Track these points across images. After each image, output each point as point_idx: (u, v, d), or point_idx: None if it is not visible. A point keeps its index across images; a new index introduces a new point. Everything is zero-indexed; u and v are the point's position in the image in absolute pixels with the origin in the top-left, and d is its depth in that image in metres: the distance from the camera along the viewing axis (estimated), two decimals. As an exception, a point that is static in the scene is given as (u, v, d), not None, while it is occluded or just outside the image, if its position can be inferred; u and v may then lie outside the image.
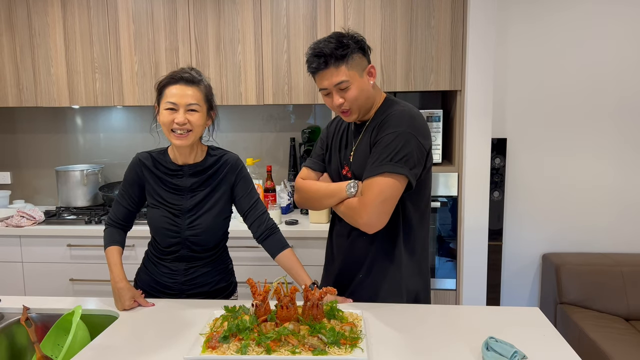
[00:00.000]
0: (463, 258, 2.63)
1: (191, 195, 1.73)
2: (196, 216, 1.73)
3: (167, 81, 1.65)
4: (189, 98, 1.63)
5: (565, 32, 2.89)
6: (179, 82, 1.63)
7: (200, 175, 1.74)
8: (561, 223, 3.03)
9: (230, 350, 1.29)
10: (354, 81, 1.57)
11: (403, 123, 1.57)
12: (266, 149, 3.22)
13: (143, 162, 1.78)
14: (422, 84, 2.58)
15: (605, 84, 2.91)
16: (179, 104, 1.62)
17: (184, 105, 1.62)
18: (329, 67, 1.55)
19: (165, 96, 1.64)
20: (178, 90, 1.63)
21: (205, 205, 1.74)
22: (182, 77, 1.64)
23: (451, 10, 2.51)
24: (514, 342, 1.34)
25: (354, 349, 1.30)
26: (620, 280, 2.74)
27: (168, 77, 1.66)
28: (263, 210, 1.77)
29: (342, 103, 1.59)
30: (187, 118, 1.63)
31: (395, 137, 1.55)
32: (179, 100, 1.62)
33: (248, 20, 2.76)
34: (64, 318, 1.57)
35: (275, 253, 1.72)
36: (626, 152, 2.95)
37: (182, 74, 1.65)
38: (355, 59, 1.57)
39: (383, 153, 1.55)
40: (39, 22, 2.88)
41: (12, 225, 2.77)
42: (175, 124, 1.63)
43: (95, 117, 3.31)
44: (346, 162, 1.72)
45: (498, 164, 2.92)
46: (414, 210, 1.68)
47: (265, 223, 1.75)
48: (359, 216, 1.57)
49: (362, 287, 1.71)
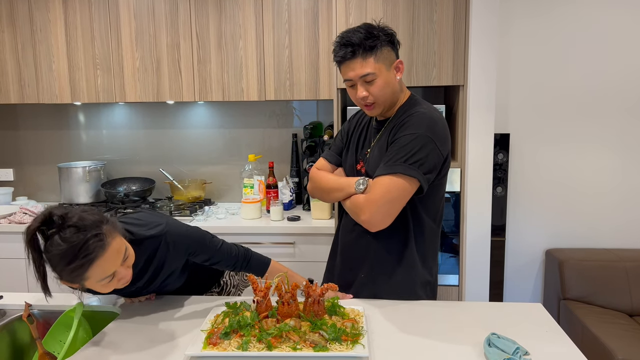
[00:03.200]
0: (466, 254, 2.62)
1: (135, 282, 1.48)
2: (157, 289, 1.59)
3: (79, 277, 1.25)
4: (108, 271, 1.29)
5: (568, 27, 2.87)
6: (93, 269, 1.25)
7: (143, 276, 1.50)
8: (564, 218, 3.02)
9: (232, 347, 1.29)
10: (380, 74, 1.52)
11: (423, 125, 1.52)
12: (268, 145, 3.21)
13: None
14: (425, 79, 2.56)
15: (609, 79, 2.89)
16: (105, 285, 1.32)
17: (109, 280, 1.31)
18: (356, 57, 1.50)
19: (88, 281, 1.28)
20: (99, 274, 1.27)
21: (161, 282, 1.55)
22: (94, 264, 1.24)
23: (453, 4, 2.49)
24: (516, 338, 1.33)
25: (356, 345, 1.29)
26: (623, 276, 2.73)
27: (78, 276, 1.24)
28: (227, 248, 1.60)
29: (366, 96, 1.54)
30: (119, 276, 1.33)
31: (413, 139, 1.51)
32: (102, 288, 1.32)
33: (249, 16, 2.75)
34: (66, 314, 1.57)
35: (263, 272, 1.64)
36: (630, 146, 2.93)
37: (86, 260, 1.22)
38: (384, 51, 1.52)
39: (399, 153, 1.51)
40: (41, 18, 2.87)
41: (14, 222, 2.78)
42: (108, 289, 1.33)
43: (97, 114, 3.31)
44: (362, 158, 1.70)
45: (501, 160, 2.91)
46: (427, 215, 1.64)
47: (237, 257, 1.61)
48: (362, 212, 1.55)
49: (363, 286, 1.69)
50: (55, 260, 1.22)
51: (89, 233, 1.21)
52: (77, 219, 1.23)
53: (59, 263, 1.22)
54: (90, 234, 1.21)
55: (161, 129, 3.27)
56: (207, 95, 2.83)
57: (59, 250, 1.20)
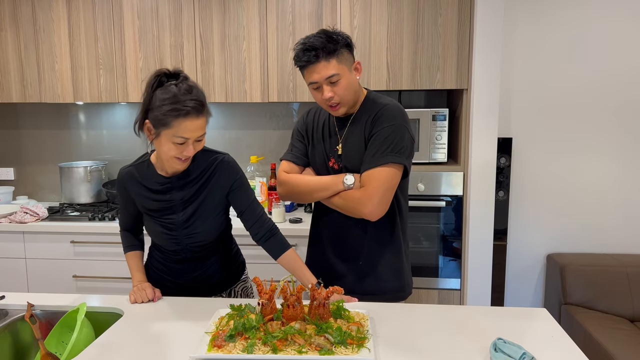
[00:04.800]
0: (468, 258, 2.62)
1: (183, 208, 1.66)
2: (192, 227, 1.68)
3: (177, 113, 1.45)
4: (200, 130, 1.51)
5: (571, 32, 2.87)
6: (190, 116, 1.47)
7: (191, 187, 1.65)
8: (566, 223, 3.02)
9: (237, 349, 1.28)
10: (343, 75, 1.61)
11: (397, 117, 1.65)
12: (270, 146, 3.21)
13: (127, 181, 1.68)
14: (428, 83, 2.56)
15: (611, 83, 2.89)
16: (190, 138, 1.49)
17: (195, 138, 1.51)
18: (320, 60, 1.58)
19: (173, 128, 1.47)
20: (190, 125, 1.47)
21: (200, 215, 1.67)
22: (194, 108, 1.47)
23: (458, 8, 2.50)
24: (522, 343, 1.33)
25: (361, 349, 1.29)
26: (625, 281, 2.73)
27: (176, 110, 1.45)
28: (261, 212, 1.71)
29: (332, 97, 1.61)
30: (195, 148, 1.54)
31: (393, 130, 1.63)
32: (192, 135, 1.49)
33: (253, 17, 2.75)
34: (69, 315, 1.56)
35: (278, 254, 1.69)
36: (632, 152, 2.93)
37: (191, 103, 1.46)
38: (344, 54, 1.62)
39: (383, 145, 1.62)
40: (44, 18, 2.87)
41: (15, 221, 2.77)
42: (184, 154, 1.52)
43: (99, 114, 3.30)
44: (332, 155, 1.75)
45: (503, 164, 2.91)
46: (402, 197, 1.77)
47: (265, 225, 1.69)
48: (363, 206, 1.62)
49: (362, 274, 1.76)
50: (163, 98, 1.46)
51: (196, 97, 1.48)
52: (196, 86, 1.51)
53: (164, 101, 1.45)
54: (197, 98, 1.48)
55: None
56: (210, 96, 2.82)
57: (171, 92, 1.46)
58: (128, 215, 1.78)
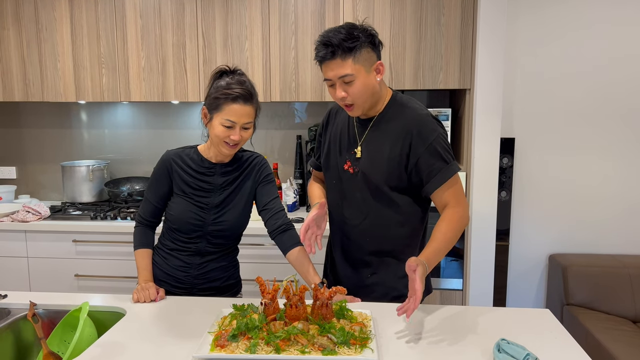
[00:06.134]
0: (470, 258, 2.61)
1: (220, 192, 1.77)
2: (222, 212, 1.76)
3: (226, 97, 1.64)
4: (247, 117, 1.66)
5: (575, 32, 2.86)
6: (238, 100, 1.64)
7: (231, 175, 1.79)
8: (568, 224, 3.01)
9: (239, 349, 1.28)
10: (359, 76, 1.52)
11: (433, 123, 1.62)
12: (272, 146, 3.21)
13: (174, 160, 1.79)
14: (431, 82, 2.56)
15: (614, 84, 2.88)
16: (237, 122, 1.65)
17: (242, 124, 1.66)
18: (336, 58, 1.51)
19: (223, 111, 1.64)
20: (238, 110, 1.64)
21: (231, 201, 1.78)
22: (242, 95, 1.65)
23: (461, 8, 2.49)
24: (526, 344, 1.32)
25: (364, 349, 1.29)
26: (627, 282, 2.72)
27: (228, 94, 1.64)
28: (282, 208, 1.81)
29: (344, 97, 1.55)
30: (241, 135, 1.67)
31: (440, 141, 1.60)
32: (239, 119, 1.65)
33: (256, 17, 2.75)
34: (71, 314, 1.56)
35: (288, 249, 1.73)
36: (635, 152, 2.93)
37: (240, 90, 1.65)
38: (363, 53, 1.52)
39: (442, 157, 1.59)
40: (46, 17, 2.87)
41: (17, 220, 2.77)
42: (231, 138, 1.66)
43: (101, 113, 3.30)
44: (349, 157, 1.69)
45: (506, 164, 2.90)
46: (428, 202, 1.73)
47: (282, 219, 1.77)
48: (466, 219, 1.63)
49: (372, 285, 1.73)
50: (218, 86, 1.67)
51: (246, 87, 1.66)
52: (249, 80, 1.70)
53: (218, 88, 1.66)
54: (247, 88, 1.66)
55: (165, 129, 3.27)
56: (212, 95, 2.82)
57: (226, 81, 1.67)
58: (157, 198, 1.80)
